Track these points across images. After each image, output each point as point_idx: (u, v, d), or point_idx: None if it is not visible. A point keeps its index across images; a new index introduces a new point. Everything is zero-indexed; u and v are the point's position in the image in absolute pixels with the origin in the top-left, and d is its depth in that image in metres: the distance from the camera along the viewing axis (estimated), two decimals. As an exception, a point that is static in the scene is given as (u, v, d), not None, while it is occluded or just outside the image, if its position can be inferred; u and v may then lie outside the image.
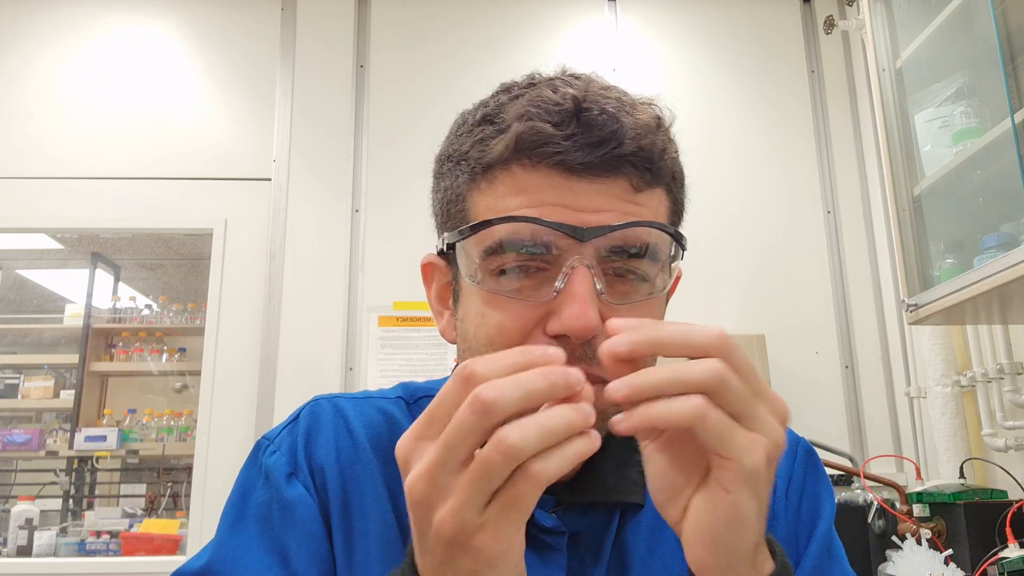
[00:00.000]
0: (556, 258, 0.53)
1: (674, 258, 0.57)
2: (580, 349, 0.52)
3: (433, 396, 0.66)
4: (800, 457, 0.67)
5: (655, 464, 0.46)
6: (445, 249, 0.59)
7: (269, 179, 2.47)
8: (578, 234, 0.52)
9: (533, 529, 0.58)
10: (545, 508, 0.60)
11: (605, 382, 0.51)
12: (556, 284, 0.52)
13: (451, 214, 0.59)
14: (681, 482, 0.45)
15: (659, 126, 0.56)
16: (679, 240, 0.57)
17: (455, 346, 0.62)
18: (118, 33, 2.60)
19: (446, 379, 0.67)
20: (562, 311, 0.52)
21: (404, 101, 2.54)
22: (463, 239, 0.56)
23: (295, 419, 0.65)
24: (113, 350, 3.02)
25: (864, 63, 2.43)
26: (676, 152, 0.59)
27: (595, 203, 0.54)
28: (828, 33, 2.60)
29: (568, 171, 0.53)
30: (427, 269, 0.65)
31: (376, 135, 2.52)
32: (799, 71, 2.62)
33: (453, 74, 2.54)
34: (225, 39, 2.60)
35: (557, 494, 0.61)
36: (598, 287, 0.52)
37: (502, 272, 0.54)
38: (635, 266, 0.55)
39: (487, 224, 0.54)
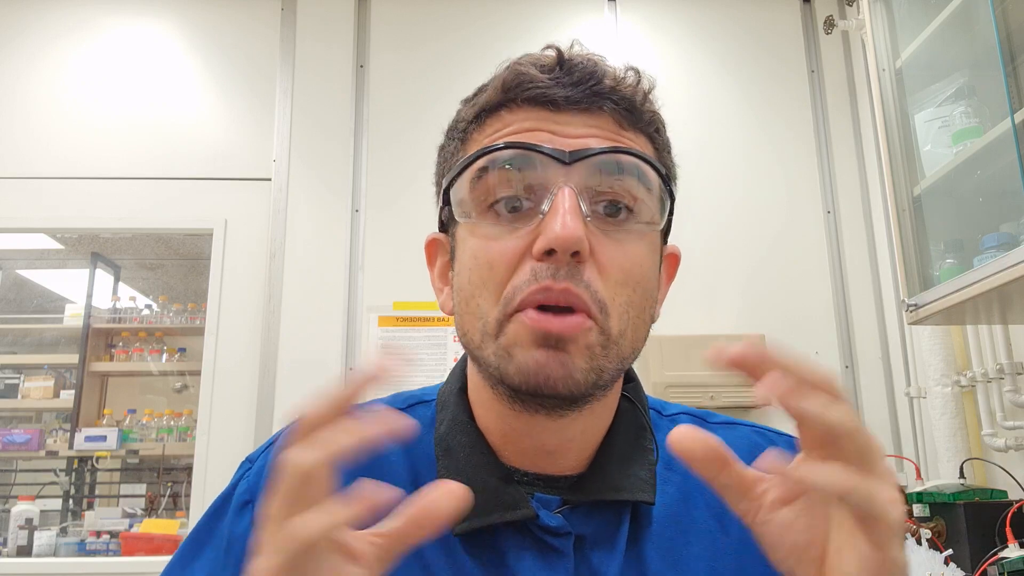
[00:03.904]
0: (543, 186, 0.53)
1: (662, 204, 0.57)
2: (566, 268, 0.51)
3: (427, 402, 0.65)
4: None
5: (773, 528, 0.44)
6: (443, 207, 0.59)
7: (269, 179, 2.47)
8: (562, 156, 0.52)
9: (537, 531, 0.56)
10: (550, 508, 0.57)
11: (588, 313, 0.52)
12: (542, 208, 0.53)
13: (447, 171, 0.59)
14: (805, 541, 0.43)
15: (638, 80, 0.58)
16: (666, 181, 0.56)
17: (455, 336, 0.59)
18: (118, 33, 2.60)
19: (439, 386, 0.66)
20: (547, 227, 0.51)
21: (404, 101, 2.54)
22: (455, 177, 0.56)
23: (273, 442, 0.64)
24: (113, 350, 3.02)
25: (864, 63, 2.43)
26: (658, 110, 0.59)
27: (580, 132, 0.55)
28: (828, 33, 2.60)
29: (552, 104, 0.55)
30: (430, 248, 0.65)
31: (376, 135, 2.52)
32: (799, 71, 2.62)
33: (453, 74, 2.54)
34: (225, 39, 2.60)
35: (562, 493, 0.59)
36: (584, 209, 0.52)
37: (491, 209, 0.55)
38: (624, 198, 0.54)
39: (475, 156, 0.55)
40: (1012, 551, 1.46)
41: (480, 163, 0.54)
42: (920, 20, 1.72)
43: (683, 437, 0.42)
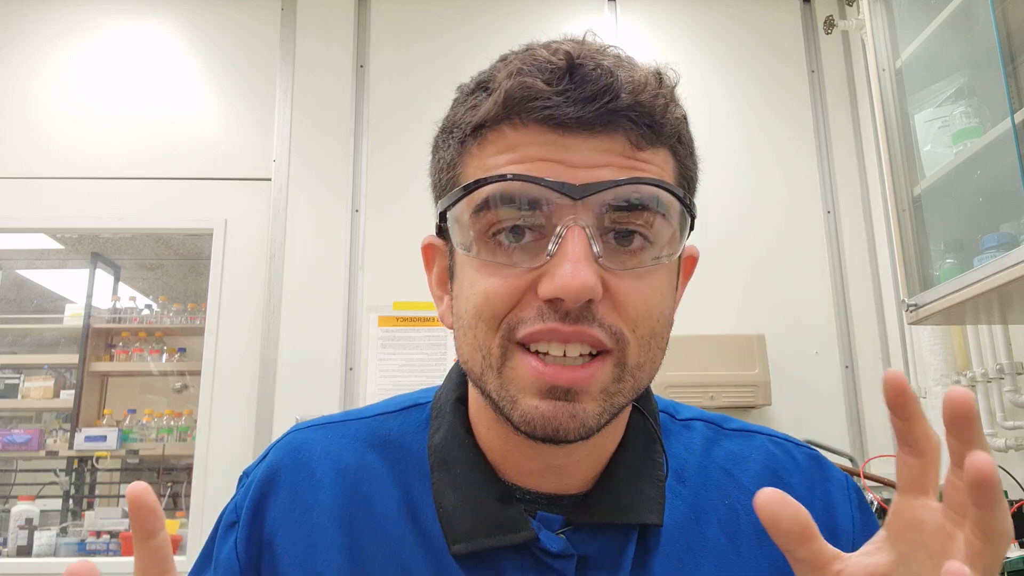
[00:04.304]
0: (550, 220, 0.49)
1: (682, 227, 0.52)
2: (576, 313, 0.48)
3: (423, 405, 0.63)
4: (855, 500, 0.62)
5: None
6: (439, 222, 0.55)
7: (269, 179, 2.47)
8: (571, 191, 0.48)
9: (539, 553, 0.54)
10: (552, 528, 0.55)
11: (606, 351, 0.49)
12: (549, 247, 0.48)
13: (444, 184, 0.55)
14: None
15: (660, 83, 0.52)
16: (687, 205, 0.52)
17: (453, 337, 0.56)
18: (118, 33, 2.60)
19: (436, 388, 0.64)
20: (555, 272, 0.47)
21: (404, 101, 2.54)
22: (452, 204, 0.52)
23: (265, 456, 0.63)
24: (113, 350, 3.02)
25: (864, 63, 2.43)
26: (682, 114, 0.54)
27: (591, 159, 0.49)
28: (828, 33, 2.60)
29: (560, 127, 0.49)
30: (427, 252, 0.61)
31: (376, 135, 2.52)
32: (799, 71, 2.62)
33: (453, 74, 2.52)
34: (225, 39, 2.60)
35: (566, 512, 0.56)
36: (595, 249, 0.48)
37: (493, 239, 0.51)
38: (638, 228, 0.50)
39: (475, 186, 0.50)
40: (1012, 551, 1.46)
41: (480, 193, 0.50)
42: (920, 20, 1.72)
43: (771, 502, 0.39)
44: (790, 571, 0.46)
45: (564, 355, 0.49)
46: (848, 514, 0.60)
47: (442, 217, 0.54)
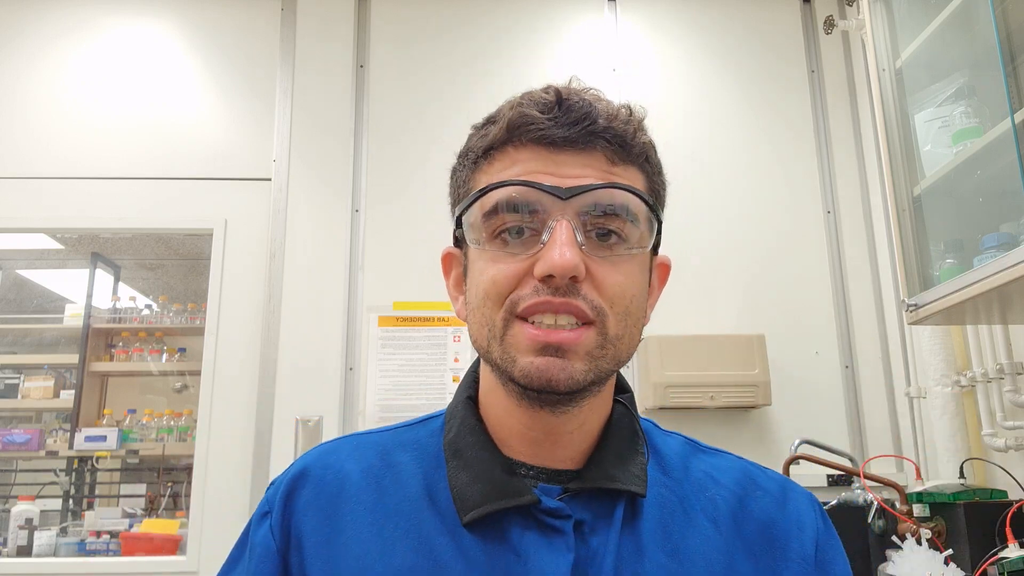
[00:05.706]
0: (544, 219, 0.61)
1: (650, 227, 0.64)
2: (565, 288, 0.59)
3: (437, 416, 0.72)
4: (818, 509, 0.70)
5: None
6: (456, 228, 0.67)
7: (269, 179, 2.47)
8: (560, 192, 0.60)
9: (538, 512, 0.62)
10: (551, 496, 0.63)
11: (589, 321, 0.60)
12: (542, 237, 0.60)
13: (460, 197, 0.68)
14: None
15: (631, 114, 0.65)
16: (654, 211, 0.64)
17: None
18: (118, 33, 2.60)
19: (442, 413, 0.72)
20: (546, 255, 0.59)
21: (404, 101, 2.54)
22: (468, 207, 0.64)
23: (294, 463, 0.71)
24: (113, 350, 3.02)
25: (864, 63, 2.44)
26: (648, 140, 0.66)
27: (576, 171, 0.62)
28: (828, 33, 2.60)
29: (551, 145, 0.62)
30: (446, 260, 0.72)
31: (376, 135, 2.52)
32: (799, 71, 2.62)
33: (453, 74, 2.54)
34: (225, 39, 2.60)
35: (563, 483, 0.65)
36: (579, 238, 0.60)
37: (499, 236, 0.63)
38: (614, 225, 0.62)
39: (487, 189, 0.62)
40: (1012, 551, 1.46)
41: (489, 197, 0.62)
42: (920, 20, 1.72)
43: None
44: (762, 557, 0.64)
45: (555, 324, 0.60)
46: (813, 519, 0.69)
47: (458, 224, 0.66)
